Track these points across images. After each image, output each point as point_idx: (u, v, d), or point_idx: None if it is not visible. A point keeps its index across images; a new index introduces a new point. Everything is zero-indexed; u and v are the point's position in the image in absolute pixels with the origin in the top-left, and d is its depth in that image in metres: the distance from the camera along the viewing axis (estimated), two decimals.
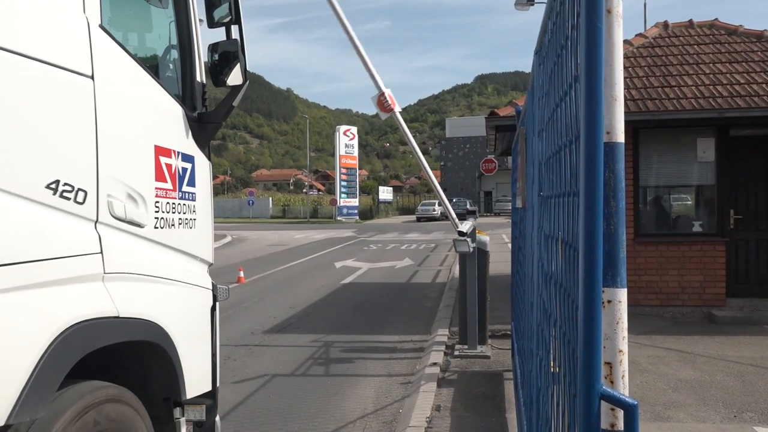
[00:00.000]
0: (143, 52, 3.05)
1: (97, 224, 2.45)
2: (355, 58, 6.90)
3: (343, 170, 54.92)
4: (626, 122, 1.43)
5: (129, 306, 2.56)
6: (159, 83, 2.93)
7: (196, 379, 3.12)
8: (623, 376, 1.32)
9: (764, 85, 8.57)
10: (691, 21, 10.74)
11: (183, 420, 3.03)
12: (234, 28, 3.29)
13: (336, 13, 6.42)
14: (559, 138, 1.86)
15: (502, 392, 5.69)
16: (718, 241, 8.73)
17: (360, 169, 66.74)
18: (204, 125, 3.27)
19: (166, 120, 2.97)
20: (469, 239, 6.84)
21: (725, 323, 8.18)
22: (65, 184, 2.27)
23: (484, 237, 7.37)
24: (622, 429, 1.26)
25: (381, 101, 7.10)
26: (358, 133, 58.33)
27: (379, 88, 6.98)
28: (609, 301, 1.32)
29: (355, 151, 57.64)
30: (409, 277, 15.12)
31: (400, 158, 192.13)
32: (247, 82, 3.31)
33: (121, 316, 2.49)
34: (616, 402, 1.22)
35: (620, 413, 1.26)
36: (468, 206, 39.54)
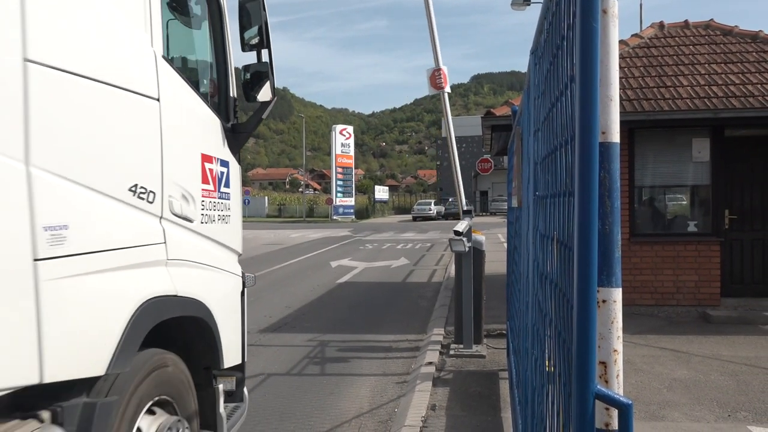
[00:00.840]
0: (188, 72, 3.50)
1: (162, 219, 2.95)
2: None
3: (339, 169, 54.90)
4: (622, 122, 1.43)
5: (184, 287, 3.07)
6: (203, 100, 3.46)
7: (230, 352, 3.65)
8: (618, 375, 1.33)
9: (759, 86, 8.60)
10: (686, 21, 10.77)
11: (221, 387, 3.52)
12: (263, 51, 3.80)
13: None
14: (555, 138, 1.86)
15: (498, 391, 5.70)
16: (713, 240, 8.75)
17: (356, 168, 66.78)
18: (237, 134, 3.82)
19: (208, 131, 3.51)
20: (465, 239, 6.85)
21: (720, 323, 8.21)
22: (141, 187, 2.77)
23: (480, 236, 7.37)
24: (617, 428, 1.26)
25: (435, 76, 7.63)
26: (354, 132, 58.37)
27: (437, 63, 7.63)
28: (604, 301, 1.32)
29: (352, 151, 57.65)
30: (405, 276, 15.12)
31: (396, 158, 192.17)
32: (276, 98, 3.87)
33: (178, 294, 3.02)
34: (610, 401, 1.23)
35: (614, 413, 1.27)
36: (459, 207, 39.48)
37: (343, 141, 55.65)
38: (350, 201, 56.22)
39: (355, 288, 13.10)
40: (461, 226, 6.95)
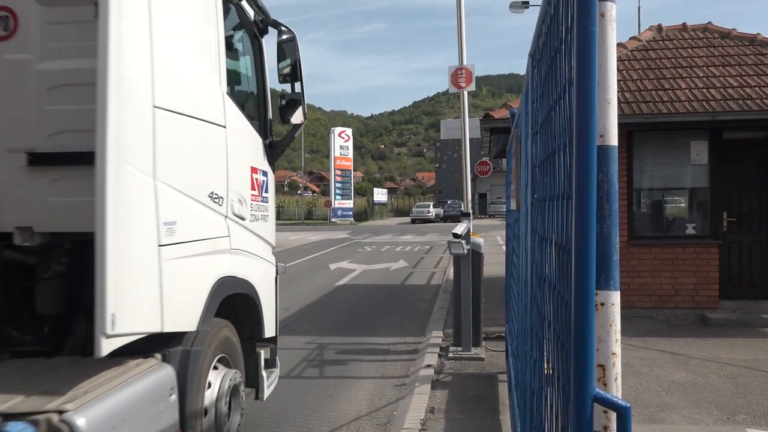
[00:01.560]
0: (240, 101, 4.30)
1: (226, 218, 3.88)
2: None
3: (338, 172, 54.90)
4: (620, 125, 1.43)
5: (240, 270, 4.05)
6: (251, 123, 4.39)
7: (269, 326, 4.58)
8: (616, 378, 1.33)
9: (757, 89, 8.62)
10: (684, 24, 10.79)
11: (261, 353, 4.48)
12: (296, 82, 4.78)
13: None
14: (553, 141, 1.86)
15: (496, 394, 5.69)
16: (712, 243, 8.76)
17: (355, 170, 66.76)
18: (273, 150, 4.79)
19: (254, 148, 4.47)
20: (463, 241, 6.85)
21: (718, 325, 8.22)
22: (215, 193, 3.70)
23: (478, 239, 7.38)
24: (615, 431, 1.26)
25: (456, 74, 7.79)
26: (353, 134, 58.37)
27: (461, 62, 7.88)
28: (602, 304, 1.33)
29: (350, 153, 57.65)
30: (404, 278, 15.12)
31: (395, 160, 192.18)
32: (306, 120, 4.88)
33: (236, 276, 3.99)
34: (608, 404, 1.23)
35: (613, 416, 1.26)
36: (462, 208, 39.49)
37: (341, 143, 55.66)
38: (349, 203, 56.21)
39: (354, 290, 13.09)
40: (460, 228, 6.95)
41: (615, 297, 1.34)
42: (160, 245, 3.05)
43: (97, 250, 2.67)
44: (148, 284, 2.99)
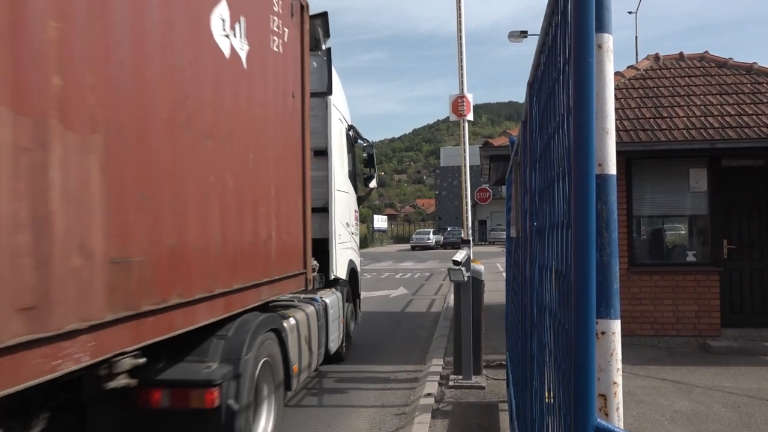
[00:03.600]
0: (350, 174, 9.02)
1: (350, 233, 8.86)
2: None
3: None
4: (619, 152, 1.45)
5: (352, 256, 9.02)
6: (353, 186, 9.24)
7: (361, 293, 10.09)
8: (618, 408, 1.32)
9: (754, 117, 8.68)
10: (681, 53, 10.91)
11: (356, 302, 9.64)
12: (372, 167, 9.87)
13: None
14: (552, 169, 1.87)
15: (497, 424, 5.63)
16: (712, 270, 8.74)
17: None
18: (359, 198, 9.70)
19: (354, 200, 9.18)
20: (463, 268, 6.84)
21: (720, 353, 8.16)
22: (347, 222, 8.58)
23: (478, 266, 7.36)
24: None
25: (457, 103, 8.08)
26: None
27: (461, 91, 8.30)
28: (603, 333, 1.32)
29: None
30: (404, 306, 15.05)
31: (395, 187, 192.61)
32: (377, 186, 10.06)
33: (352, 260, 8.99)
34: None
35: None
36: (463, 235, 39.50)
37: None
38: None
39: None
40: (460, 255, 6.94)
41: (615, 326, 1.33)
42: (338, 243, 7.91)
43: (330, 245, 7.63)
44: (340, 259, 8.01)
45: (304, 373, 5.96)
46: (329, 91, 7.54)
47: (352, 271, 8.71)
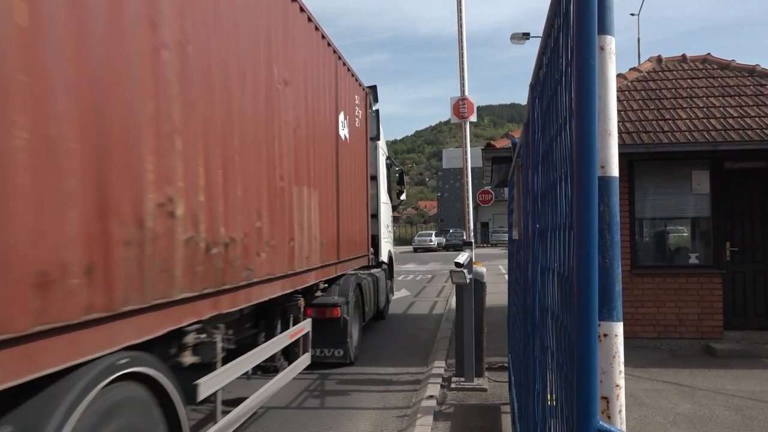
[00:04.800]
0: (388, 189, 13.35)
1: (388, 232, 13.10)
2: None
3: None
4: (621, 154, 1.44)
5: (390, 249, 13.41)
6: (390, 199, 13.41)
7: (393, 282, 14.33)
8: (620, 410, 1.31)
9: (757, 119, 8.66)
10: (684, 56, 10.90)
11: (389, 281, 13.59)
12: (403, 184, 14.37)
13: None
14: (555, 171, 1.87)
15: (500, 426, 5.62)
16: (715, 273, 8.73)
17: None
18: (393, 207, 14.04)
19: (390, 207, 13.47)
20: (465, 270, 6.83)
21: (723, 356, 8.14)
22: (387, 224, 12.71)
23: (480, 268, 7.35)
24: None
25: (458, 105, 8.02)
26: None
27: (462, 93, 8.21)
28: (605, 335, 1.32)
29: None
30: (406, 308, 15.05)
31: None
32: (406, 198, 15.51)
33: (390, 251, 13.31)
34: None
35: None
36: (465, 237, 39.51)
37: None
38: None
39: None
40: (462, 257, 6.94)
41: (618, 328, 1.33)
42: (383, 238, 11.92)
43: (378, 239, 11.62)
44: (384, 250, 12.13)
45: (369, 314, 9.86)
46: (378, 138, 11.02)
47: (390, 258, 13.11)
